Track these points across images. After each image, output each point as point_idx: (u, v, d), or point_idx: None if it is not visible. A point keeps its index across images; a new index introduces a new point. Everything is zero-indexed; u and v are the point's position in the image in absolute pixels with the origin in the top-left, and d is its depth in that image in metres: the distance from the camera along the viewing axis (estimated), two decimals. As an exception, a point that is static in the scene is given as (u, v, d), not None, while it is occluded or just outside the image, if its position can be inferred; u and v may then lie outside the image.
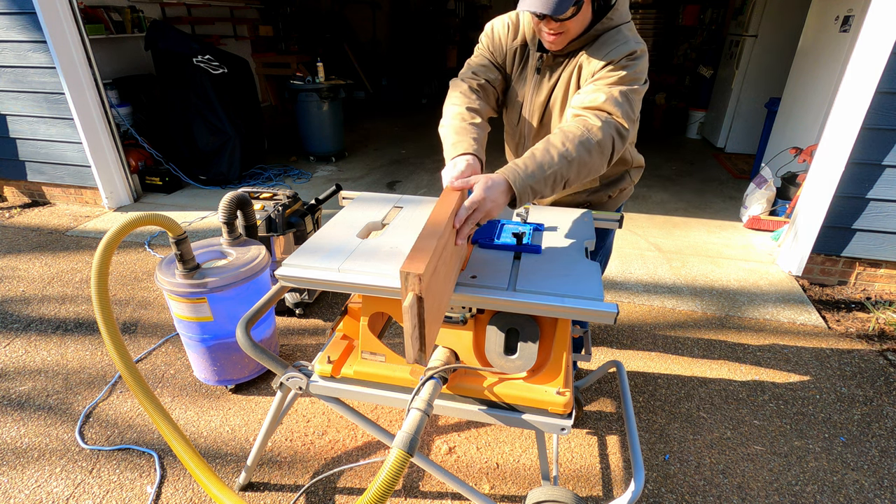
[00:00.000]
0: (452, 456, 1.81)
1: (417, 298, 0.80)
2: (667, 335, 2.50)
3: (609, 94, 1.21)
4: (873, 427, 1.97)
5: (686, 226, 3.82)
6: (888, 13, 2.41)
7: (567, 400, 1.15)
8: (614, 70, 1.24)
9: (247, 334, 1.20)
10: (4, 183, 4.14)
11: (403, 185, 4.67)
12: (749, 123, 5.54)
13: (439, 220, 0.96)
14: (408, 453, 0.97)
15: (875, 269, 2.94)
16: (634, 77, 1.25)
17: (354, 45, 8.44)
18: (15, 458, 1.77)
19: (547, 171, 1.11)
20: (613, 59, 1.24)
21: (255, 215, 2.19)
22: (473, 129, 1.28)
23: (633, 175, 1.63)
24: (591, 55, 1.29)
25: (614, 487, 1.70)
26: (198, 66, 4.15)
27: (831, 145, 2.73)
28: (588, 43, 1.30)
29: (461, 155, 1.20)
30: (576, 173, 1.15)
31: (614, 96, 1.21)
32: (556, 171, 1.12)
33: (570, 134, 1.16)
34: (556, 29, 1.24)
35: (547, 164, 1.11)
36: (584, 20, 1.24)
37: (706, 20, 6.86)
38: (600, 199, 1.63)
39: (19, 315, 2.57)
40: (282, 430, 1.90)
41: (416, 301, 0.80)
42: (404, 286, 0.80)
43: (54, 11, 3.31)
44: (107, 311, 1.42)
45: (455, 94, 1.40)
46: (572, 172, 1.14)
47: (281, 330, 2.50)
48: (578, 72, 1.33)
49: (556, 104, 1.41)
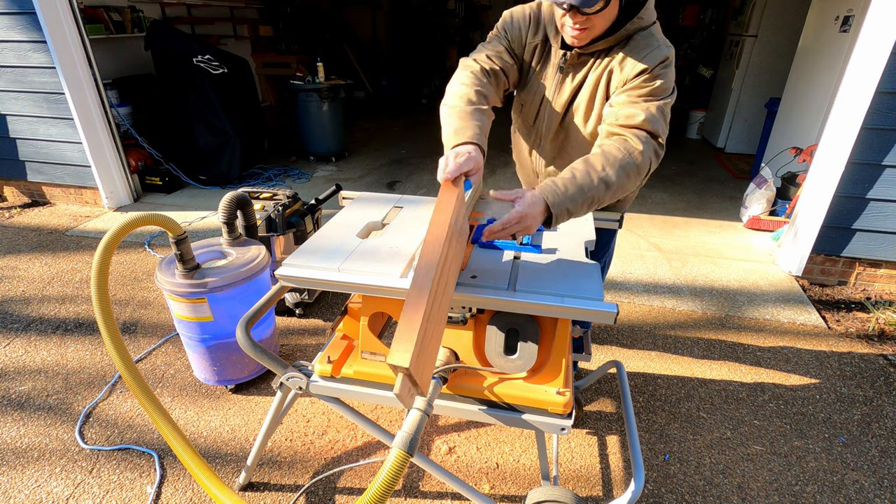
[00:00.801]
0: (452, 456, 1.81)
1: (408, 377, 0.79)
2: (667, 335, 2.50)
3: (647, 110, 1.18)
4: (873, 427, 1.97)
5: (686, 226, 3.82)
6: (888, 13, 2.41)
7: (567, 400, 1.15)
8: (649, 80, 1.20)
9: (247, 334, 1.20)
10: (4, 183, 4.14)
11: (403, 185, 4.67)
12: (749, 123, 5.55)
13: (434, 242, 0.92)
14: (408, 453, 0.97)
15: (875, 269, 2.94)
16: (666, 87, 1.22)
17: (354, 45, 8.43)
18: (15, 458, 1.76)
19: (586, 194, 1.10)
20: (647, 67, 1.20)
21: (255, 215, 2.19)
22: (479, 116, 1.21)
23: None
24: (624, 59, 1.23)
25: (614, 487, 1.70)
26: (198, 66, 4.15)
27: (831, 145, 2.73)
28: (619, 43, 1.25)
29: (463, 144, 1.15)
30: (611, 196, 1.15)
31: (652, 113, 1.18)
32: (594, 195, 1.11)
33: (611, 157, 1.13)
34: (582, 24, 1.19)
35: (587, 187, 1.10)
36: (609, 17, 1.20)
37: (706, 20, 6.86)
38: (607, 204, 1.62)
39: (19, 315, 2.57)
40: (282, 430, 1.90)
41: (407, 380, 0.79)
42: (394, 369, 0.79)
43: (54, 11, 3.31)
44: (107, 311, 1.42)
45: (464, 73, 1.32)
46: (608, 196, 1.14)
47: (281, 330, 2.50)
48: (608, 76, 1.27)
49: (580, 107, 1.35)
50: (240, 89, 4.55)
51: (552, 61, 1.37)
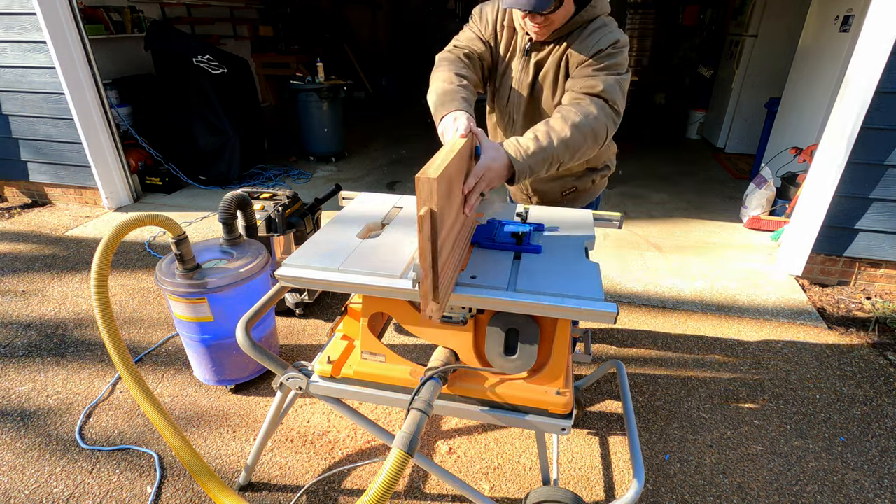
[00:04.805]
0: (452, 456, 1.81)
1: (431, 212, 0.81)
2: (667, 335, 2.50)
3: (604, 81, 1.27)
4: (873, 427, 1.97)
5: (686, 226, 3.82)
6: (888, 13, 2.41)
7: (567, 400, 1.15)
8: (604, 57, 1.30)
9: (247, 334, 1.21)
10: (5, 183, 4.14)
11: (403, 185, 4.67)
12: (749, 123, 5.54)
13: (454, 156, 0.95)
14: (408, 453, 0.97)
15: (875, 269, 2.94)
16: (621, 65, 1.31)
17: (354, 45, 8.43)
18: (15, 458, 1.76)
19: (547, 153, 1.18)
20: (602, 48, 1.29)
21: (255, 215, 2.19)
22: (462, 90, 1.30)
23: (612, 162, 1.71)
24: (580, 44, 1.33)
25: (614, 487, 1.70)
26: (198, 66, 4.15)
27: (831, 145, 2.73)
28: (575, 29, 1.35)
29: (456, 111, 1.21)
30: (570, 157, 1.23)
31: (609, 83, 1.27)
32: (554, 153, 1.19)
33: (569, 119, 1.22)
34: (542, 22, 1.29)
35: (547, 146, 1.18)
36: (567, 12, 1.30)
37: (706, 20, 6.85)
38: (584, 185, 1.69)
39: (19, 315, 2.57)
40: (282, 430, 1.90)
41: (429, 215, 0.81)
42: (419, 198, 0.81)
43: (54, 11, 3.31)
44: (107, 311, 1.42)
45: (441, 63, 1.42)
46: (567, 156, 1.22)
47: (281, 330, 2.50)
48: (567, 59, 1.37)
49: (545, 86, 1.44)
50: (240, 89, 4.55)
51: (518, 44, 1.45)
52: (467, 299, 1.08)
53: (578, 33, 1.34)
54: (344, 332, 1.43)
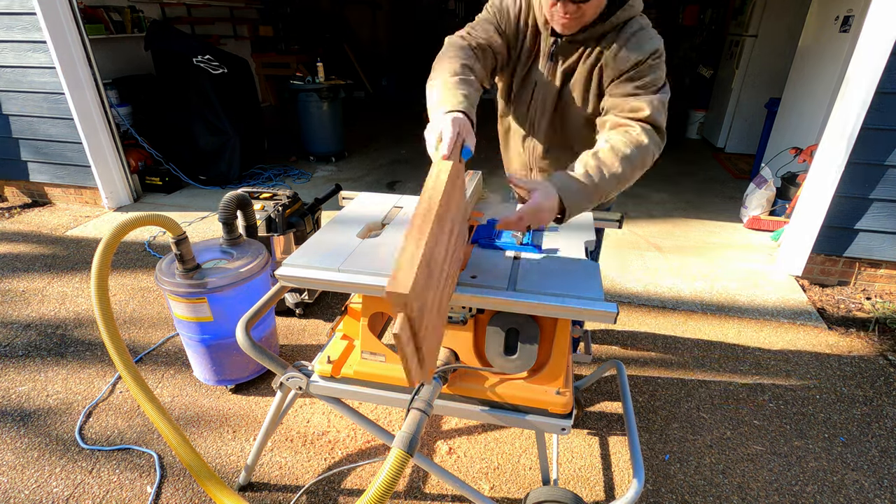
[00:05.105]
0: (452, 456, 1.81)
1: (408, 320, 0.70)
2: (667, 335, 2.50)
3: (650, 103, 1.19)
4: (873, 427, 1.97)
5: (686, 226, 3.82)
6: (888, 13, 2.41)
7: (567, 400, 1.15)
8: (645, 70, 1.21)
9: (247, 334, 1.20)
10: (5, 183, 4.14)
11: (403, 185, 4.67)
12: (749, 123, 5.54)
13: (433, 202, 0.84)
14: (408, 453, 0.97)
15: (875, 269, 2.94)
16: (662, 78, 1.23)
17: (354, 45, 8.43)
18: (15, 458, 1.76)
19: (600, 189, 1.12)
20: (641, 59, 1.20)
21: (255, 215, 2.19)
22: (464, 86, 1.17)
23: None
24: (614, 54, 1.23)
25: (614, 487, 1.70)
26: (198, 66, 4.14)
27: (831, 145, 2.73)
28: (610, 32, 1.24)
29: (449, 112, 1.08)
30: (618, 190, 1.17)
31: (656, 106, 1.19)
32: (605, 190, 1.13)
33: (620, 152, 1.14)
34: (574, 13, 1.17)
35: (599, 182, 1.11)
36: (599, 5, 1.19)
37: (706, 20, 6.85)
38: None
39: (19, 315, 2.57)
40: (282, 430, 1.90)
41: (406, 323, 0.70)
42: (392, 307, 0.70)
43: (54, 11, 3.31)
44: (107, 312, 1.41)
45: (450, 49, 1.29)
46: (616, 190, 1.17)
47: (281, 330, 2.50)
48: (603, 64, 1.26)
49: (573, 94, 1.34)
50: (240, 89, 4.55)
51: (543, 48, 1.35)
52: (467, 299, 1.08)
53: (612, 37, 1.24)
54: (344, 331, 1.43)
